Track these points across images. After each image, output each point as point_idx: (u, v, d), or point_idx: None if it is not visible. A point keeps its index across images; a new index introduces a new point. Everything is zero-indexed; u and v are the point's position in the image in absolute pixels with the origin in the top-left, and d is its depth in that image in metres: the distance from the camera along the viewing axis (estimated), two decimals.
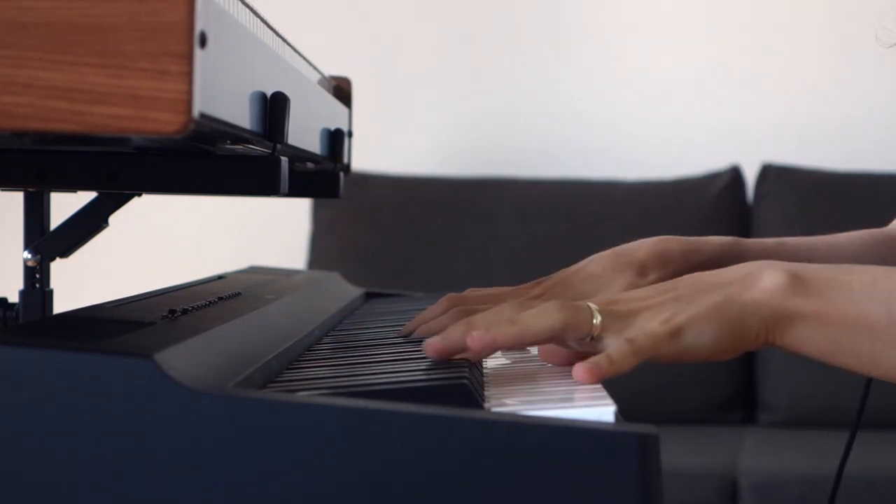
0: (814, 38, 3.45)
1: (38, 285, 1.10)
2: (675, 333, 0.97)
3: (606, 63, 3.49)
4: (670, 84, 3.47)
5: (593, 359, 0.94)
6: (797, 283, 0.99)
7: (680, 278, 1.02)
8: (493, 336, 0.96)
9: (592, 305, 0.98)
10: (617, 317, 0.98)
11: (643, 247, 1.34)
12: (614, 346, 0.95)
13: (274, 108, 0.95)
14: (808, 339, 0.99)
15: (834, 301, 0.99)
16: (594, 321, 0.97)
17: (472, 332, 0.96)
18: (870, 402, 1.45)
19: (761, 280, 1.00)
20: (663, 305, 0.99)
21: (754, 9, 3.47)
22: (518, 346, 0.98)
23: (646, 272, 1.30)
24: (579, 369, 0.93)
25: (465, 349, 0.97)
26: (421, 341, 1.14)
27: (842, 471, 1.33)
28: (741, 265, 1.03)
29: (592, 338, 0.97)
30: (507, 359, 1.16)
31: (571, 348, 1.01)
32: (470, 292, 1.27)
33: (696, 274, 1.03)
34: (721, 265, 1.30)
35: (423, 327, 1.18)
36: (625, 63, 3.48)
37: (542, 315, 0.97)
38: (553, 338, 0.98)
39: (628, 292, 1.02)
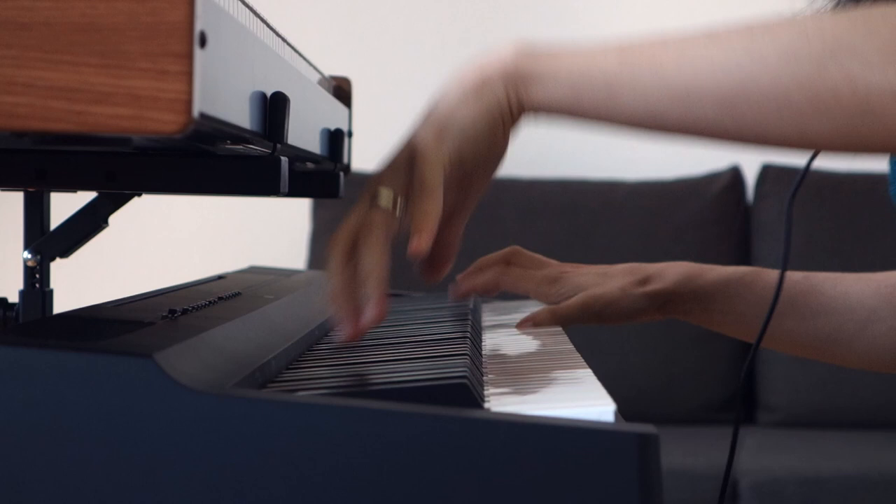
0: None
1: (38, 285, 1.10)
2: (442, 132, 1.01)
3: None
4: None
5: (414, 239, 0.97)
6: (527, 48, 1.02)
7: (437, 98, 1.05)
8: (370, 314, 0.97)
9: (381, 190, 1.01)
10: (395, 168, 1.02)
11: (653, 265, 1.43)
12: (415, 204, 0.99)
13: (274, 108, 0.95)
14: (550, 95, 1.01)
15: (565, 57, 1.01)
16: (385, 196, 1.00)
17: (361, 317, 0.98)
18: (868, 402, 1.47)
19: (492, 55, 1.03)
20: (422, 119, 1.02)
21: (755, 8, 3.47)
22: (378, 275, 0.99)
23: (647, 283, 1.40)
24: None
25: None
26: (423, 341, 1.15)
27: (730, 465, 1.37)
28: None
29: (397, 207, 1.00)
30: (508, 354, 1.16)
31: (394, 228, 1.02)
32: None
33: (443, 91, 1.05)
34: (727, 293, 1.38)
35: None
36: None
37: (344, 237, 0.99)
38: (368, 233, 0.99)
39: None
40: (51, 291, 1.11)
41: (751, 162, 3.31)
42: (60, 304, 1.11)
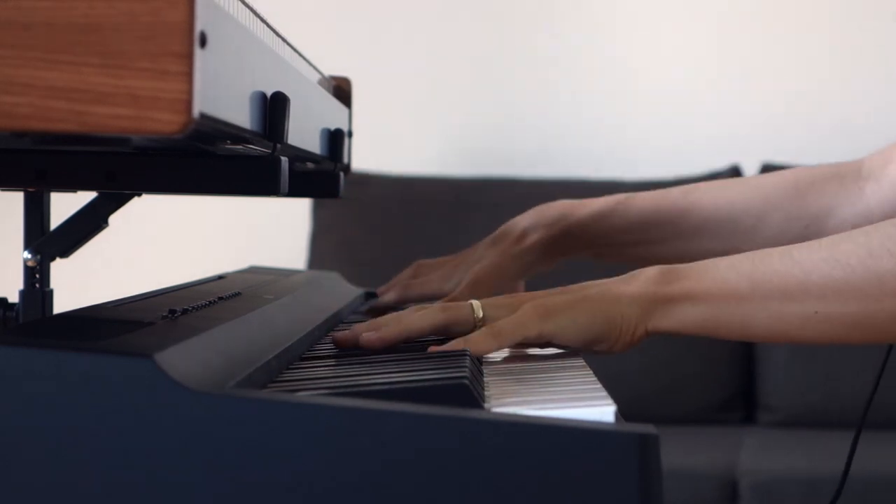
0: (814, 38, 3.45)
1: (38, 285, 1.10)
2: (546, 316, 1.07)
3: (606, 63, 3.49)
4: (670, 84, 3.47)
5: (451, 342, 1.05)
6: (668, 272, 1.09)
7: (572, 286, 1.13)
8: (380, 335, 1.09)
9: (475, 303, 1.10)
10: (500, 307, 1.10)
11: (527, 215, 1.50)
12: (477, 331, 1.07)
13: (274, 108, 0.95)
14: (685, 319, 1.08)
15: (702, 280, 1.08)
16: (476, 315, 1.09)
17: (363, 334, 1.10)
18: (862, 403, 1.47)
19: (636, 277, 1.10)
20: (546, 297, 1.10)
21: (755, 8, 3.47)
22: (404, 340, 1.10)
23: (524, 238, 1.47)
24: (433, 348, 1.06)
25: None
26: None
27: (847, 470, 1.40)
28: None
29: (476, 326, 1.09)
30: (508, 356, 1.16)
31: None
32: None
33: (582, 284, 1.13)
34: (602, 224, 1.44)
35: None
36: (625, 63, 3.49)
37: (426, 316, 1.11)
38: (439, 333, 1.11)
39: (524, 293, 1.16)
40: (51, 291, 1.11)
41: (751, 161, 3.31)
42: (60, 304, 1.11)
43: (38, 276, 1.10)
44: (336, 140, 1.36)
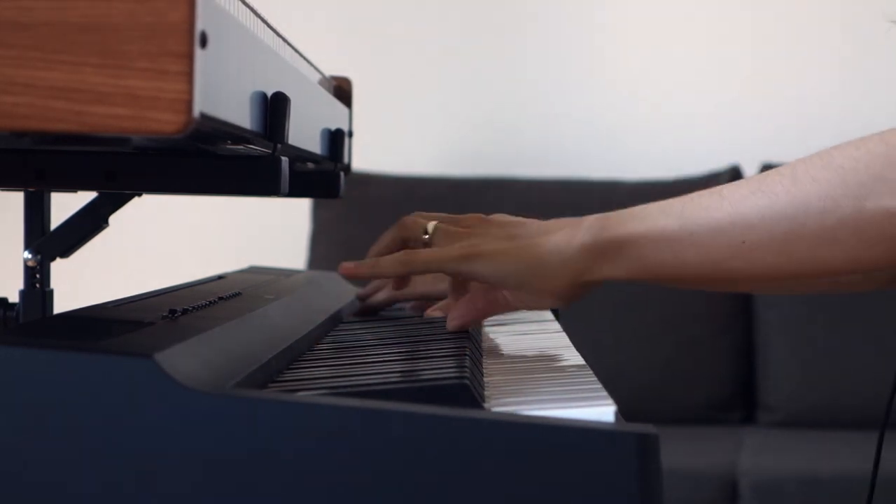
0: (814, 39, 3.45)
1: (38, 285, 1.10)
2: (470, 259, 1.14)
3: (606, 63, 3.49)
4: (670, 84, 3.47)
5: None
6: (604, 221, 1.13)
7: (523, 221, 1.19)
8: (354, 266, 1.20)
9: (430, 222, 1.19)
10: (447, 233, 1.18)
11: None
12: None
13: (274, 108, 0.95)
14: (621, 267, 1.11)
15: (631, 227, 1.11)
16: (427, 228, 1.19)
17: (343, 264, 1.20)
18: (868, 402, 1.46)
19: (574, 227, 1.15)
20: (484, 235, 1.16)
21: (754, 9, 3.47)
22: (375, 267, 1.21)
23: None
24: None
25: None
26: (424, 340, 1.15)
27: (876, 471, 1.40)
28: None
29: (426, 244, 1.18)
30: (509, 356, 1.16)
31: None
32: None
33: (532, 221, 1.19)
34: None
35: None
36: (625, 63, 3.49)
37: (383, 237, 1.24)
38: (399, 246, 1.21)
39: (474, 216, 1.22)
40: (51, 291, 1.11)
41: (751, 161, 3.31)
42: (60, 304, 1.11)
43: (38, 276, 1.10)
44: (336, 140, 1.36)
